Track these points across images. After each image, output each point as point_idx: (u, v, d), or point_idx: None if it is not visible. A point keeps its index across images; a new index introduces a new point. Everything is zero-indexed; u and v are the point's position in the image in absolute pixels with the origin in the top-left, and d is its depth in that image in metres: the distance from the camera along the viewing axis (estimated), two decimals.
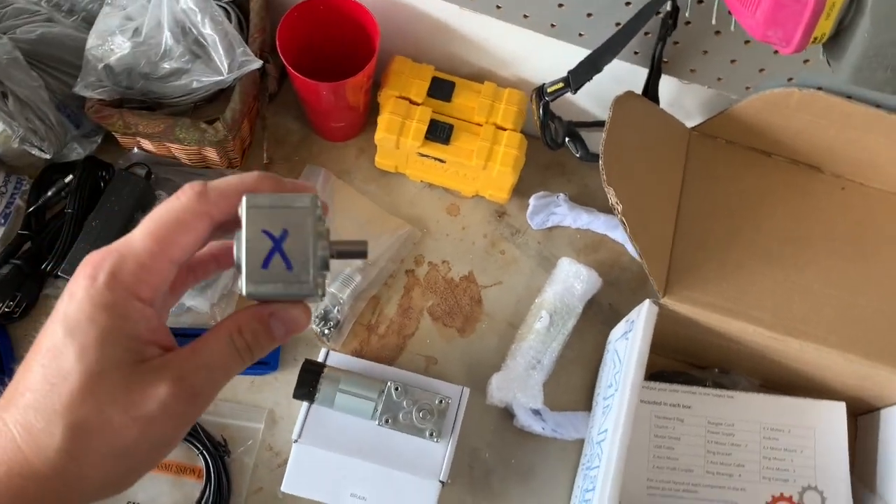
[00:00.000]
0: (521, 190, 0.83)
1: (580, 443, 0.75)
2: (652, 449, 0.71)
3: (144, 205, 0.77)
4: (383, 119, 0.77)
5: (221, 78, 0.73)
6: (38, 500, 0.30)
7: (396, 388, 0.68)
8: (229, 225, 0.34)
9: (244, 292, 0.33)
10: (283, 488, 0.67)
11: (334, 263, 0.37)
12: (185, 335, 0.76)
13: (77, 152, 0.79)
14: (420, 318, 0.79)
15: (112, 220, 0.74)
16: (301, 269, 0.33)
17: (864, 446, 0.74)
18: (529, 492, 0.73)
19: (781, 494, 0.69)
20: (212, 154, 0.79)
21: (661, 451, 0.71)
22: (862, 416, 0.77)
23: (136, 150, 0.81)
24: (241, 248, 0.33)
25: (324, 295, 0.35)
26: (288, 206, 0.33)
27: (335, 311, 0.76)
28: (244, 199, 0.33)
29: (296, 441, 0.68)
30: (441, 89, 0.79)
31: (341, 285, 0.76)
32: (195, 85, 0.74)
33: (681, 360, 0.78)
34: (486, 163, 0.77)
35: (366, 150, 0.85)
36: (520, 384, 0.73)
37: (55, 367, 0.31)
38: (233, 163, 0.82)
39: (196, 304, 0.76)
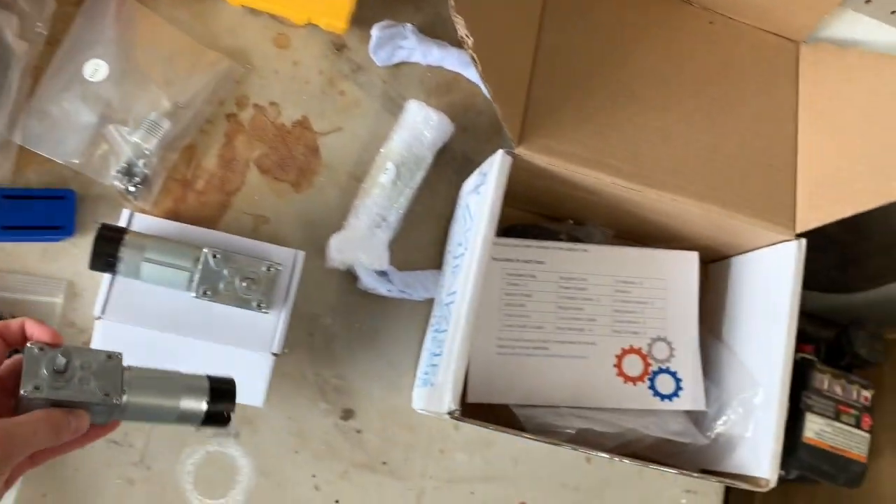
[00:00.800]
0: (363, 18, 0.71)
1: (430, 303, 0.70)
2: (503, 307, 0.67)
3: None
4: None
5: None
6: None
7: (215, 256, 0.59)
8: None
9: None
10: None
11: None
12: None
13: None
14: (246, 172, 0.68)
15: None
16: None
17: (714, 294, 0.74)
18: (375, 355, 0.68)
19: (631, 346, 0.68)
20: None
21: (513, 310, 0.67)
22: (713, 264, 0.76)
23: None
24: None
25: None
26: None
27: (140, 164, 0.64)
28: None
29: (98, 318, 0.58)
30: None
31: (146, 133, 0.64)
32: None
33: (535, 213, 0.73)
34: None
35: None
36: (363, 244, 0.66)
37: None
38: None
39: None
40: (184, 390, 0.48)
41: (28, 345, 0.44)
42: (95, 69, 0.65)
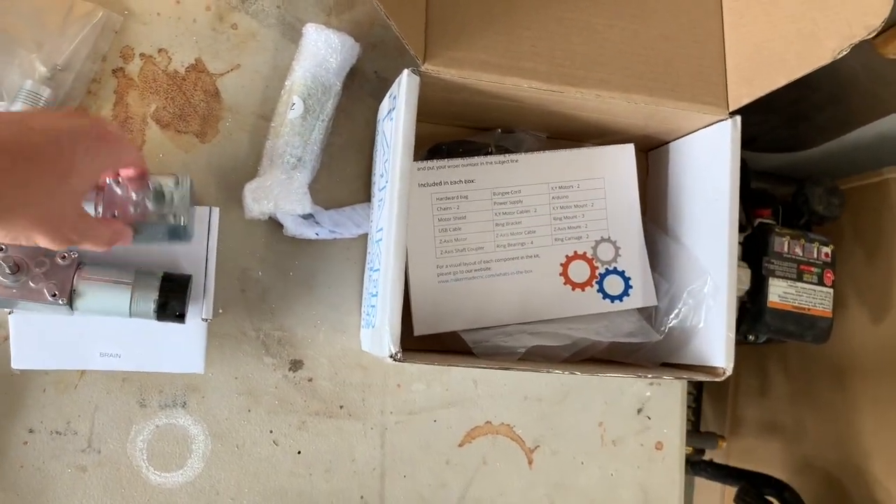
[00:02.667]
0: None
1: (366, 238, 0.67)
2: (437, 234, 0.64)
3: None
4: None
5: None
6: None
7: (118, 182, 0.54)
8: None
9: None
10: (13, 365, 0.56)
11: None
12: None
13: None
14: (145, 129, 0.63)
15: None
16: None
17: (655, 184, 0.71)
18: (315, 301, 0.66)
19: (575, 253, 0.66)
20: None
21: (448, 235, 0.64)
22: (652, 152, 0.73)
23: None
24: None
25: None
26: None
27: None
28: None
29: (10, 313, 0.55)
30: None
31: (25, 105, 0.58)
32: None
33: (459, 126, 0.69)
34: None
35: None
36: (280, 190, 0.62)
37: None
38: None
39: None
40: (136, 286, 0.54)
41: None
42: None
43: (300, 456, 0.64)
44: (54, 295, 0.52)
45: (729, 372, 0.60)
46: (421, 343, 0.63)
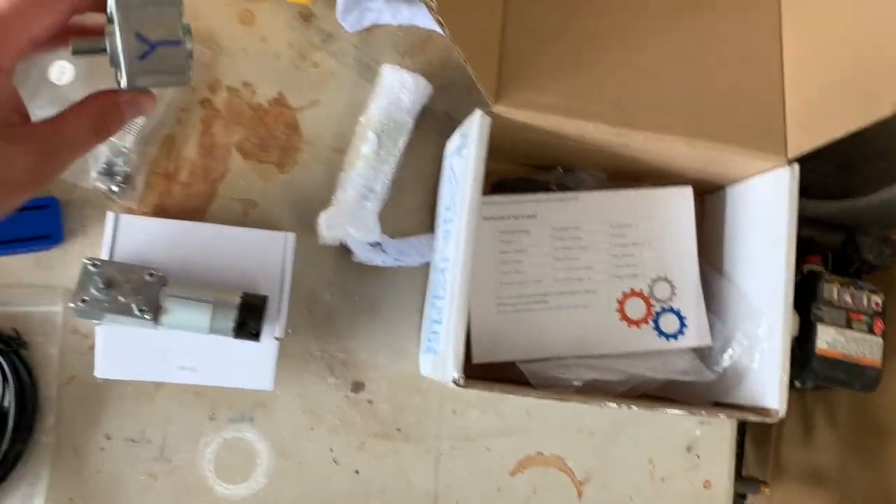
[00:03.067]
0: None
1: (427, 267, 0.70)
2: (498, 266, 0.66)
3: None
4: None
5: None
6: None
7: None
8: (86, 7, 0.37)
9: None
10: (96, 374, 0.59)
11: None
12: None
13: None
14: (228, 157, 0.67)
15: None
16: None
17: (711, 226, 0.73)
18: (378, 326, 0.68)
19: (632, 290, 0.68)
20: None
21: (508, 267, 0.67)
22: (708, 196, 0.75)
23: None
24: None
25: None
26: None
27: (120, 162, 0.63)
28: None
29: (98, 324, 0.59)
30: None
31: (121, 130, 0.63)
32: None
33: (523, 164, 0.72)
34: None
35: None
36: (352, 218, 0.65)
37: None
38: None
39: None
40: (216, 304, 0.56)
41: (84, 260, 0.53)
42: (61, 72, 0.64)
43: (358, 476, 0.66)
44: (142, 310, 0.56)
45: (782, 414, 0.61)
46: (478, 371, 0.65)
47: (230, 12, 0.69)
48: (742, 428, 1.31)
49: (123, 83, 0.37)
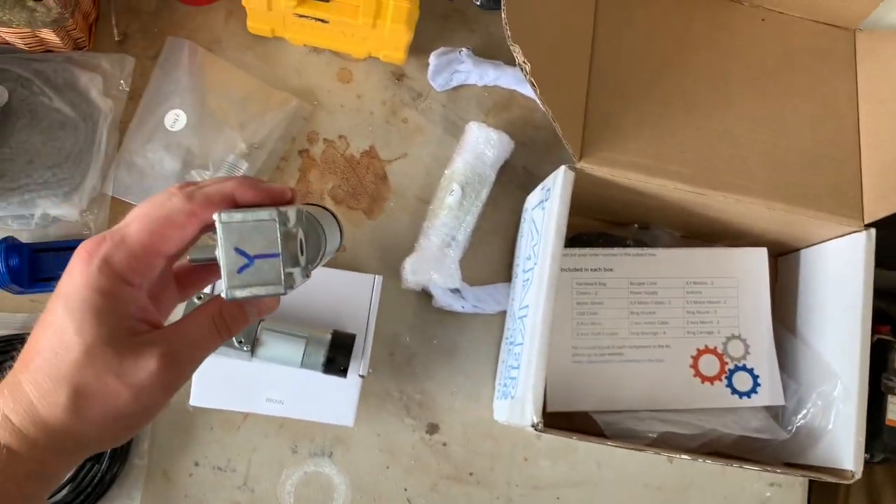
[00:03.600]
0: (419, 46, 0.74)
1: (503, 315, 0.72)
2: (575, 317, 0.68)
3: None
4: None
5: None
6: (48, 449, 0.35)
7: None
8: (213, 226, 0.39)
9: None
10: (191, 402, 0.63)
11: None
12: (56, 248, 0.67)
13: None
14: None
15: None
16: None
17: (785, 288, 0.74)
18: (454, 370, 0.71)
19: (706, 347, 0.69)
20: (50, 36, 0.66)
21: (585, 318, 0.69)
22: (782, 257, 0.76)
23: None
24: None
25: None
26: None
27: None
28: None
29: None
30: None
31: (227, 173, 0.68)
32: None
33: (599, 220, 0.75)
34: (374, 20, 0.67)
35: (235, 12, 0.73)
36: (435, 264, 0.69)
37: (58, 339, 0.36)
38: (78, 43, 0.70)
39: (64, 213, 0.67)
40: (309, 340, 0.60)
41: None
42: (175, 119, 0.69)
43: None
44: (240, 342, 0.60)
45: (858, 475, 0.61)
46: (550, 420, 0.66)
47: (330, 70, 0.74)
48: (809, 499, 1.27)
49: (224, 296, 0.38)
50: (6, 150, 0.66)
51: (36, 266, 0.66)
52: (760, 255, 0.71)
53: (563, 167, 0.61)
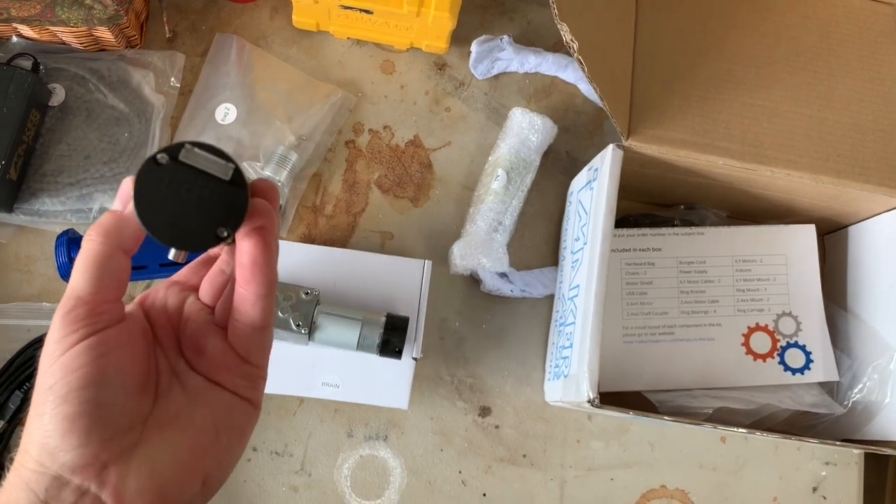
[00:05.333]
0: (460, 36, 0.75)
1: (550, 299, 0.72)
2: (624, 297, 0.69)
3: (38, 101, 0.67)
4: None
5: None
6: None
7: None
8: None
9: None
10: None
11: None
12: None
13: None
14: (368, 192, 0.73)
15: (3, 124, 0.64)
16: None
17: (833, 265, 0.74)
18: (504, 354, 0.71)
19: (757, 324, 0.69)
20: (105, 34, 0.68)
21: (634, 298, 0.69)
22: (829, 235, 0.76)
23: (15, 38, 0.70)
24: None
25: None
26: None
27: None
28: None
29: None
30: None
31: (277, 167, 0.69)
32: None
33: (644, 202, 0.75)
34: (419, 9, 0.68)
35: (280, 8, 0.75)
36: (483, 249, 0.69)
37: None
38: (131, 41, 0.72)
39: None
40: (364, 322, 0.61)
41: None
42: (226, 112, 0.71)
43: (485, 498, 0.68)
44: (298, 325, 0.61)
45: None
46: (603, 400, 0.67)
47: (374, 62, 0.75)
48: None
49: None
50: (64, 146, 0.68)
51: None
52: (809, 231, 0.71)
53: (611, 146, 0.62)
